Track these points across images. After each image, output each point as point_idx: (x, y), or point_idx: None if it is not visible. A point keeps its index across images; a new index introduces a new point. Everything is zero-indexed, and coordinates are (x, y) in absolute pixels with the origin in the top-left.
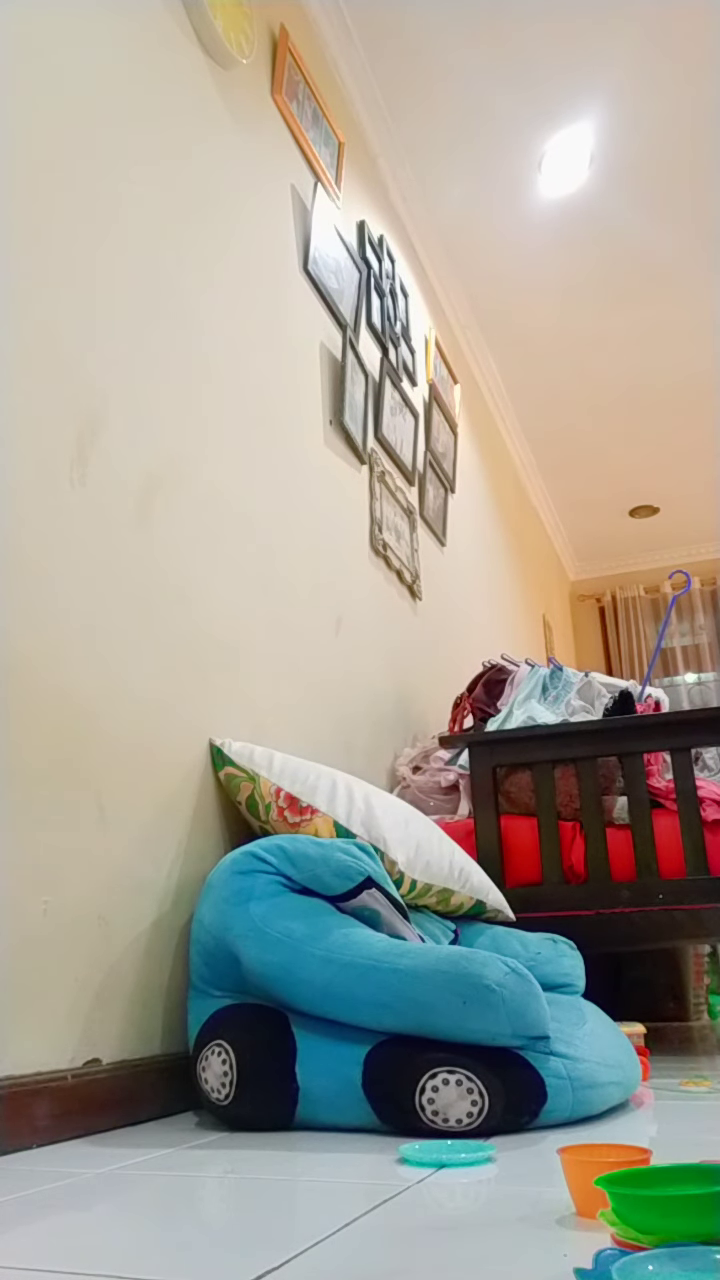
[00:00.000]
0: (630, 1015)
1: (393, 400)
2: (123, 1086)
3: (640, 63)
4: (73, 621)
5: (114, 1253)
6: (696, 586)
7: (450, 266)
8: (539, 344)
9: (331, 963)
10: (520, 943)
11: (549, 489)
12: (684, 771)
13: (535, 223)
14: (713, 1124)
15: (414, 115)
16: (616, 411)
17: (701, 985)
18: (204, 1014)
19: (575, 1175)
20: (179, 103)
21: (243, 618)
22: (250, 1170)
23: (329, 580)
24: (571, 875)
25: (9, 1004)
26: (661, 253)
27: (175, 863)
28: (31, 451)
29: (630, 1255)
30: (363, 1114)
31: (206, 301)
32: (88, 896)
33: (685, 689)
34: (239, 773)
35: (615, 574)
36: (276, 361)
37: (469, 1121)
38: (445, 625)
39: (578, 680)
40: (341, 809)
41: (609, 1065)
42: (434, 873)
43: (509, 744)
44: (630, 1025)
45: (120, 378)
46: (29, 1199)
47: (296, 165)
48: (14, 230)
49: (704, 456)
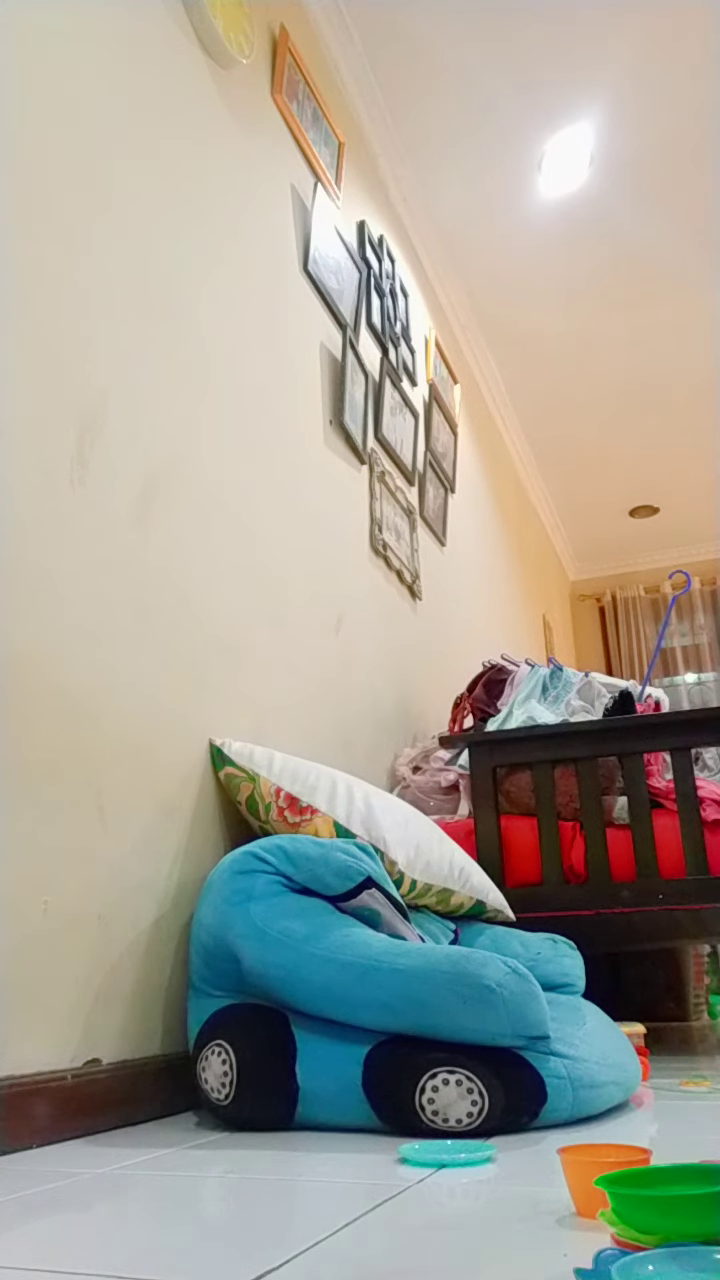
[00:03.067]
0: (630, 1015)
1: (393, 400)
2: (123, 1086)
3: (640, 63)
4: (73, 621)
5: (114, 1253)
6: (696, 586)
7: (450, 266)
8: (539, 344)
9: (331, 962)
10: (520, 943)
11: (549, 489)
12: (684, 771)
13: (535, 223)
14: (713, 1124)
15: (414, 115)
16: (616, 411)
17: (701, 985)
18: (204, 1014)
19: (575, 1175)
20: (179, 102)
21: (243, 617)
22: (250, 1170)
23: (329, 580)
24: (571, 875)
25: (9, 1004)
26: (661, 253)
27: (175, 863)
28: (31, 451)
29: (630, 1255)
30: (363, 1114)
31: (206, 301)
32: (88, 896)
33: (685, 689)
34: (239, 773)
35: (615, 574)
36: (276, 361)
37: (469, 1121)
38: (445, 625)
39: (578, 680)
40: (341, 809)
41: (609, 1065)
42: (434, 873)
43: (509, 744)
44: (630, 1025)
45: (120, 378)
46: (29, 1199)
47: (296, 165)
48: (13, 230)
49: (704, 456)
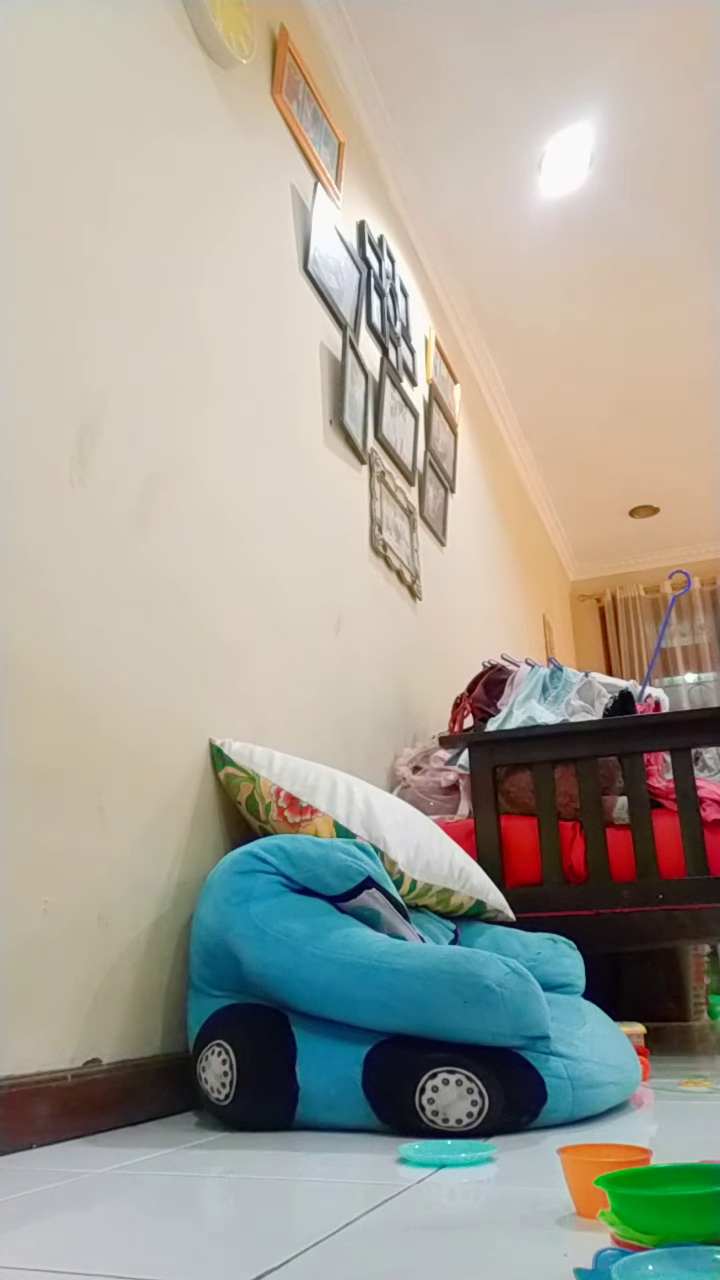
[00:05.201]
0: (630, 1015)
1: (393, 400)
2: (123, 1086)
3: (640, 63)
4: (72, 621)
5: (114, 1253)
6: (696, 586)
7: (450, 266)
8: (539, 344)
9: (331, 962)
10: (520, 943)
11: (549, 489)
12: (684, 771)
13: (535, 222)
14: (713, 1124)
15: (414, 115)
16: (616, 411)
17: (701, 985)
18: (204, 1014)
19: (575, 1175)
20: (179, 103)
21: (242, 617)
22: (250, 1170)
23: (329, 580)
24: (571, 875)
25: (9, 1004)
26: (661, 253)
27: (175, 863)
28: (31, 451)
29: (630, 1255)
30: (363, 1114)
31: (206, 302)
32: (88, 896)
33: (685, 689)
34: (239, 773)
35: (615, 574)
36: (276, 361)
37: (469, 1121)
38: (445, 625)
39: (578, 680)
40: (341, 809)
41: (609, 1065)
42: (434, 873)
43: (509, 744)
44: (630, 1025)
45: (120, 378)
46: (29, 1199)
47: (296, 165)
48: (14, 231)
49: (704, 456)
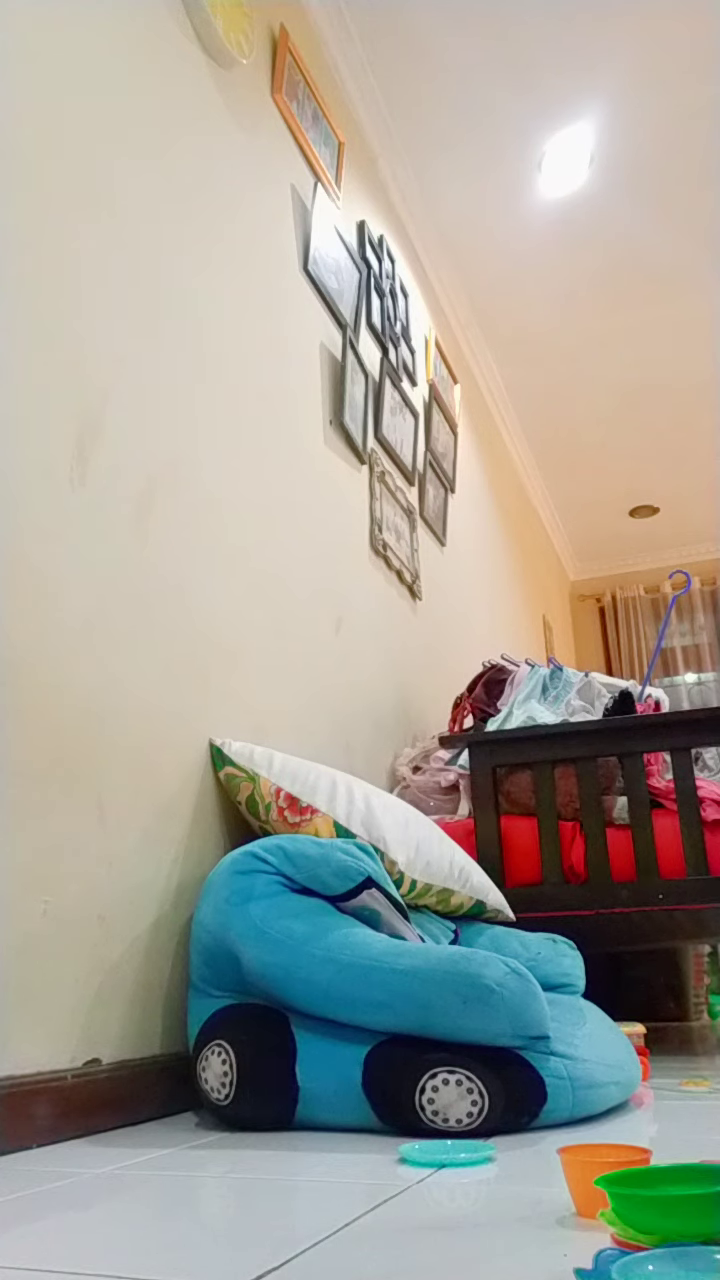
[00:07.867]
0: (630, 1015)
1: (393, 400)
2: (123, 1086)
3: (640, 63)
4: (73, 621)
5: (114, 1253)
6: (696, 586)
7: (450, 267)
8: (539, 344)
9: (331, 963)
10: (520, 943)
11: (549, 489)
12: (684, 771)
13: (535, 223)
14: (713, 1124)
15: (414, 115)
16: (616, 411)
17: (701, 985)
18: (204, 1014)
19: (575, 1175)
20: (179, 103)
21: (242, 617)
22: (250, 1170)
23: (329, 580)
24: (571, 875)
25: (9, 1004)
26: (661, 253)
27: (175, 863)
28: (31, 452)
29: (630, 1255)
30: (363, 1114)
31: (206, 301)
32: (88, 896)
33: (685, 689)
34: (239, 773)
35: (615, 574)
36: (276, 361)
37: (469, 1121)
38: (445, 625)
39: (578, 680)
40: (341, 809)
41: (609, 1065)
42: (434, 873)
43: (509, 744)
44: (630, 1025)
45: (120, 378)
46: (29, 1199)
47: (296, 165)
48: (14, 231)
49: (704, 456)
